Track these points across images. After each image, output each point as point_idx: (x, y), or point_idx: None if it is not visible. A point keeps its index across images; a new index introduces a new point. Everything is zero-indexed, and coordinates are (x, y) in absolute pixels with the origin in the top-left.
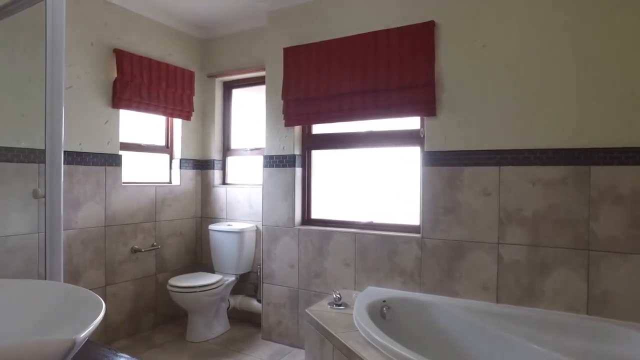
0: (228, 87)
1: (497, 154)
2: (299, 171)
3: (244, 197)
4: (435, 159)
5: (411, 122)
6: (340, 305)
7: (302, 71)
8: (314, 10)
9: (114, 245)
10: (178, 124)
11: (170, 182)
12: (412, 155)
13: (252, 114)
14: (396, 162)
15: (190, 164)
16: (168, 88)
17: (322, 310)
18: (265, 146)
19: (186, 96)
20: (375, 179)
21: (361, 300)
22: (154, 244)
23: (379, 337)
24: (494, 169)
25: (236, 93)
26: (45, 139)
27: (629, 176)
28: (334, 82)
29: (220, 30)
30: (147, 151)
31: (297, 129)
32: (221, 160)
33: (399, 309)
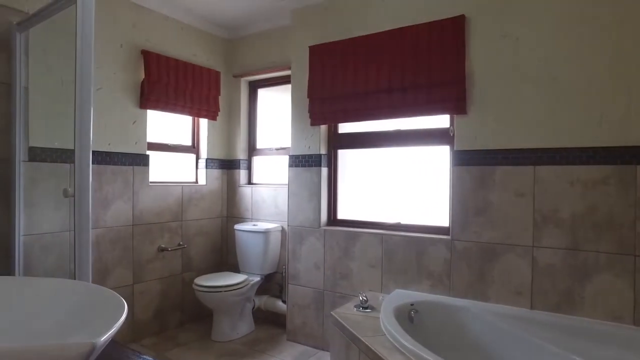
0: (253, 86)
1: (532, 153)
2: (324, 171)
3: (270, 197)
4: (465, 158)
5: (440, 121)
6: (367, 308)
7: (328, 69)
8: (338, 7)
9: (141, 244)
10: (204, 124)
11: (197, 182)
12: (441, 154)
13: (277, 113)
14: (424, 161)
15: (216, 163)
16: (194, 88)
17: (348, 313)
18: (290, 145)
19: (212, 96)
20: (403, 179)
21: (388, 303)
22: (180, 243)
23: (406, 342)
24: (528, 169)
25: (262, 93)
26: (74, 139)
27: None
28: (360, 79)
29: (245, 30)
30: (174, 151)
31: (323, 128)
32: (247, 159)
33: (427, 313)
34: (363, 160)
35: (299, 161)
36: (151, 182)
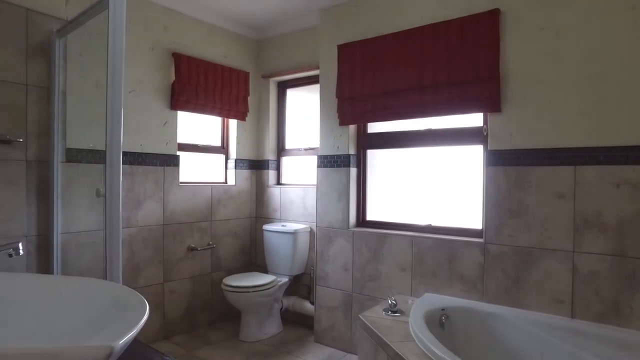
0: (282, 87)
1: (573, 153)
2: (353, 171)
3: (298, 198)
4: (499, 158)
5: (473, 119)
6: (396, 312)
7: (357, 68)
8: (367, 4)
9: (171, 244)
10: (233, 124)
11: (226, 182)
12: (474, 154)
13: (306, 113)
14: (457, 161)
15: (245, 164)
16: (224, 89)
17: (376, 317)
18: (319, 146)
19: (241, 97)
20: (434, 179)
21: (418, 308)
22: (209, 243)
23: (437, 349)
24: (568, 169)
25: (290, 93)
26: (105, 141)
27: None
28: (390, 78)
29: (273, 30)
30: (204, 152)
31: (352, 127)
32: (276, 160)
33: (459, 318)
34: (393, 160)
35: (328, 161)
36: (181, 183)
